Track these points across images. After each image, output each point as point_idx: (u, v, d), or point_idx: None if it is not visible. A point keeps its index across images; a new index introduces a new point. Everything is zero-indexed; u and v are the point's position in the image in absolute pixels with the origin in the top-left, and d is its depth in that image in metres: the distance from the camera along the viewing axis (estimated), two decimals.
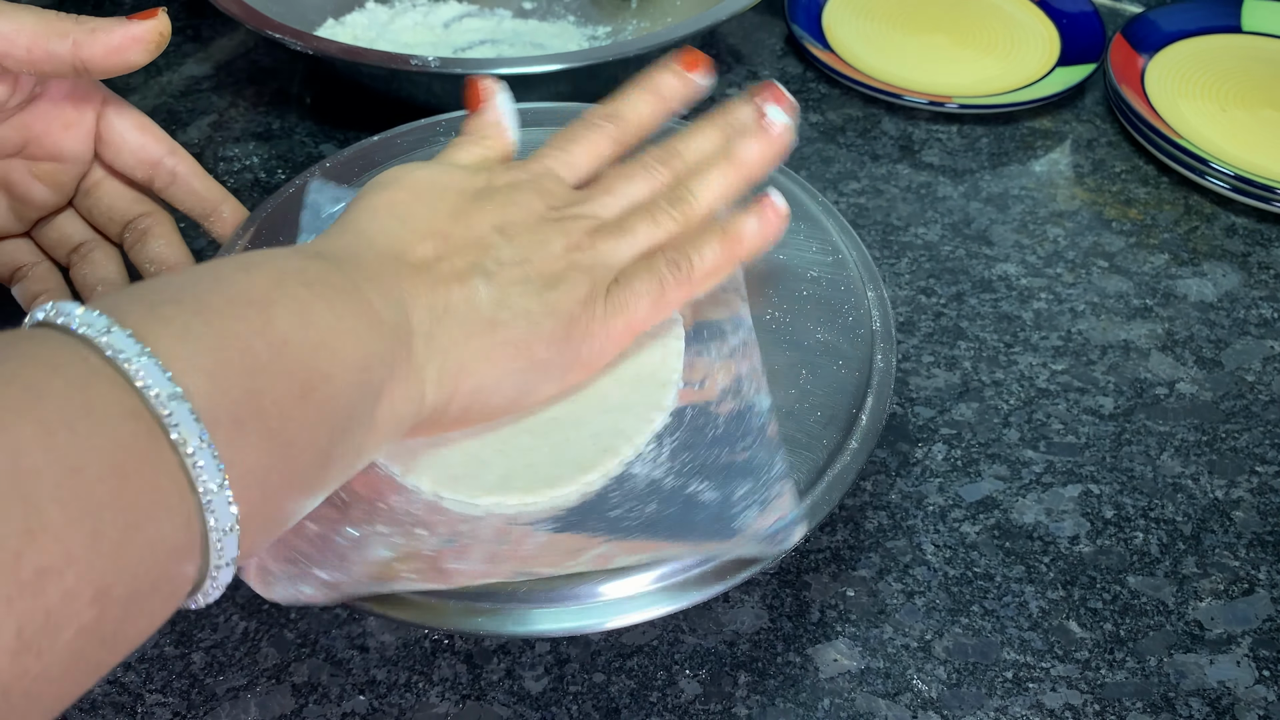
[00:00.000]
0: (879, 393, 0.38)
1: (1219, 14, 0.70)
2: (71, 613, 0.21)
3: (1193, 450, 0.48)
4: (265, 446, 0.26)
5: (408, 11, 0.70)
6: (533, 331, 0.34)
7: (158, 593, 0.24)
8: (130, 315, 0.25)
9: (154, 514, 0.23)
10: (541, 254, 0.35)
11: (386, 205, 0.34)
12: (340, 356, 0.28)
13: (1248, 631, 0.41)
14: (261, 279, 0.28)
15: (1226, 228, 0.59)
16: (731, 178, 0.39)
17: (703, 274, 0.37)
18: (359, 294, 0.30)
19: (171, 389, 0.24)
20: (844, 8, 0.73)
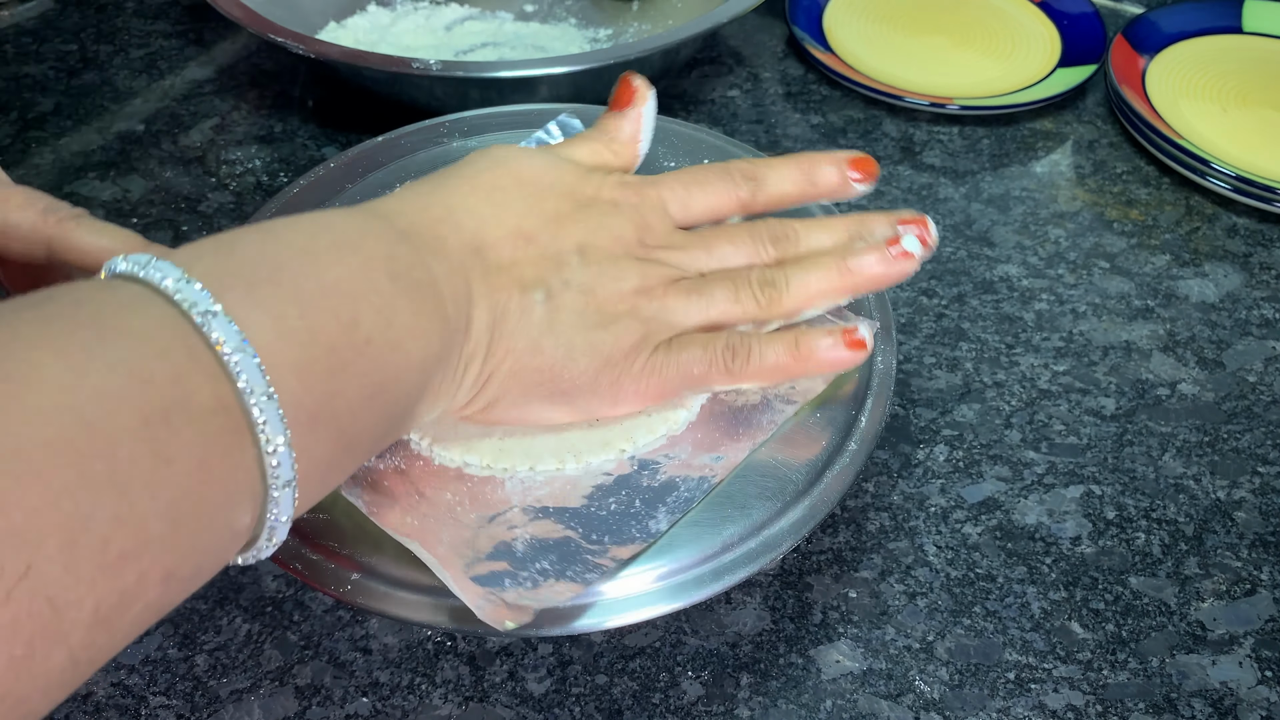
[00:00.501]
0: (878, 394, 0.38)
1: (1220, 15, 0.70)
2: (142, 592, 0.22)
3: (1195, 451, 0.48)
4: (333, 443, 0.27)
5: (409, 15, 0.70)
6: (567, 364, 0.33)
7: (208, 571, 0.25)
8: (230, 292, 0.25)
9: (228, 505, 0.24)
10: (610, 289, 0.34)
11: (487, 187, 0.33)
12: (410, 358, 0.29)
13: (1250, 632, 0.41)
14: (352, 265, 0.28)
15: (1228, 228, 0.59)
16: (834, 284, 0.36)
17: (756, 371, 0.35)
18: (435, 291, 0.30)
19: (266, 387, 0.24)
20: (845, 9, 0.73)
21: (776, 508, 0.35)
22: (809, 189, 0.38)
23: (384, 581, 0.34)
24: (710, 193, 0.37)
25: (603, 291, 0.34)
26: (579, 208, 0.35)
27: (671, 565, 0.34)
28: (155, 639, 0.40)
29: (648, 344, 0.34)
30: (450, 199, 0.33)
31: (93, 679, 0.39)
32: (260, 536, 0.26)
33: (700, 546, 0.34)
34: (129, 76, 0.68)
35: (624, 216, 0.35)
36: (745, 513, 0.35)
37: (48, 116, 0.65)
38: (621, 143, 0.38)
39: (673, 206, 0.37)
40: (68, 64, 0.69)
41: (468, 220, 0.33)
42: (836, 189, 0.38)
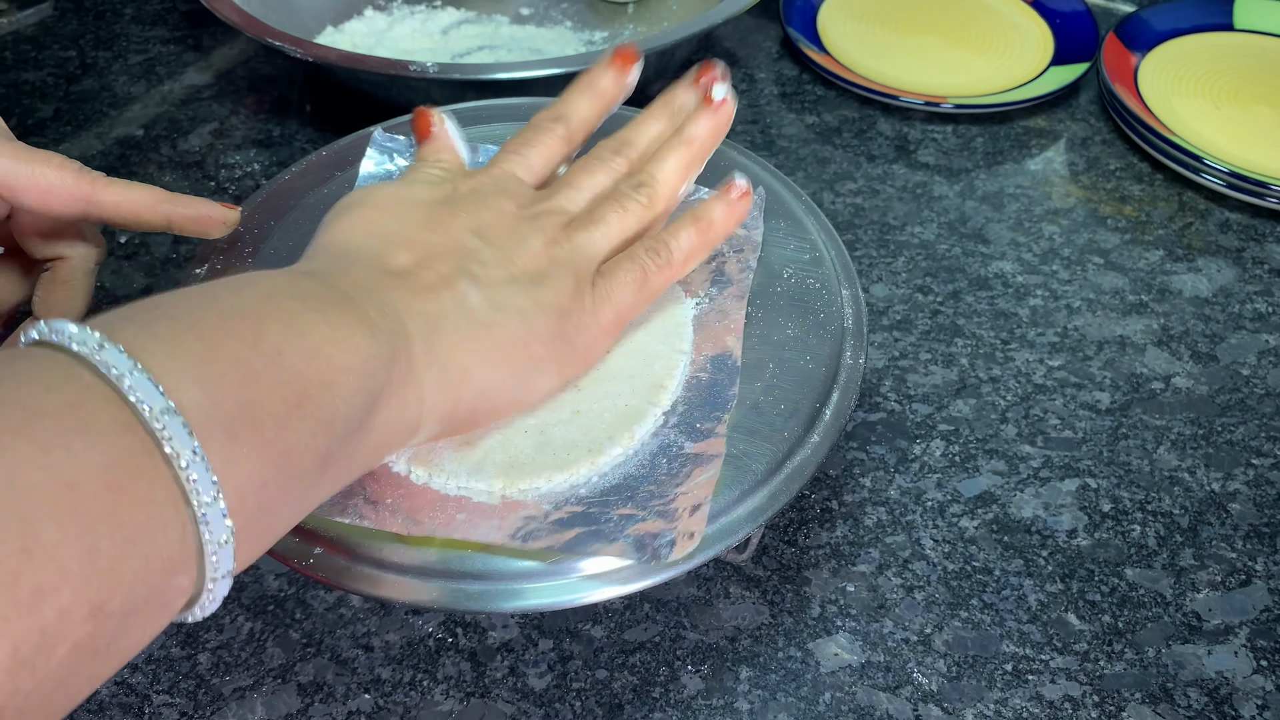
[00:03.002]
0: (845, 389, 0.39)
1: (1211, 12, 0.71)
2: (66, 630, 0.21)
3: (1189, 444, 0.48)
4: (261, 456, 0.26)
5: (406, 18, 0.71)
6: (528, 329, 0.34)
7: (152, 606, 0.24)
8: (123, 332, 0.25)
9: (149, 528, 0.23)
10: (523, 252, 0.35)
11: (357, 223, 0.34)
12: (337, 363, 0.28)
13: (1245, 622, 0.42)
14: (251, 295, 0.28)
15: (1221, 223, 0.59)
16: (686, 156, 0.40)
17: (682, 258, 0.38)
18: (352, 303, 0.30)
19: (164, 403, 0.24)
20: (839, 10, 0.73)
21: (735, 495, 0.35)
22: (599, 101, 0.41)
23: (348, 556, 0.34)
24: (538, 146, 0.40)
25: (519, 257, 0.35)
26: (448, 205, 0.36)
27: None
28: (158, 638, 0.41)
29: (584, 282, 0.36)
30: (334, 247, 0.34)
31: None
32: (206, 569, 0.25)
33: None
34: (128, 82, 0.69)
35: (491, 195, 0.37)
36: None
37: (47, 122, 0.65)
38: (445, 159, 0.40)
39: (520, 171, 0.39)
40: (67, 70, 0.70)
41: (362, 254, 0.33)
42: (616, 89, 0.42)
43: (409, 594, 0.34)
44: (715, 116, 0.41)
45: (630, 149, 0.40)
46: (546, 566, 0.34)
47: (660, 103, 0.42)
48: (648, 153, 0.41)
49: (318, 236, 0.35)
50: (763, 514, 0.35)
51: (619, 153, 0.40)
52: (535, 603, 0.33)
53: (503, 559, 0.34)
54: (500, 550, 0.34)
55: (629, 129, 0.41)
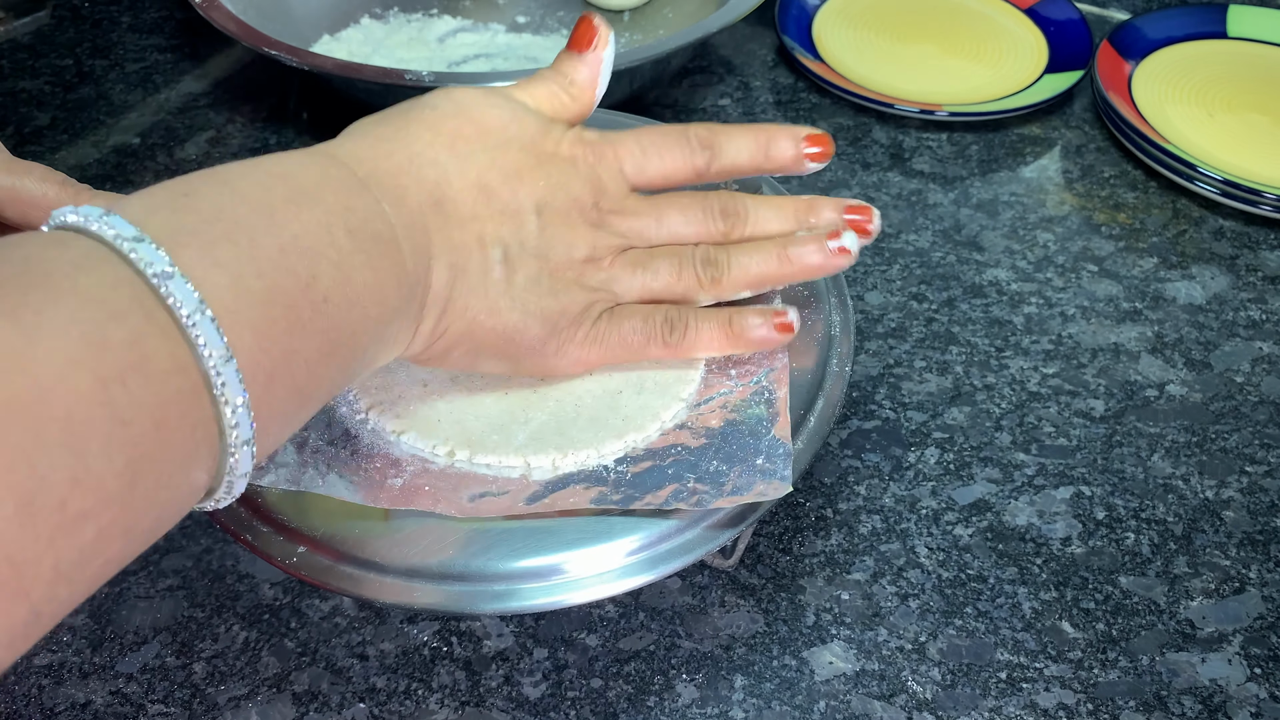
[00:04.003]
0: (829, 396, 0.39)
1: (1204, 20, 0.71)
2: (102, 547, 0.23)
3: (1183, 451, 0.48)
4: (291, 400, 0.27)
5: (402, 27, 0.71)
6: (520, 329, 0.34)
7: (167, 524, 0.26)
8: (186, 251, 0.25)
9: (186, 463, 0.25)
10: (562, 255, 0.35)
11: (450, 135, 0.33)
12: (368, 314, 0.29)
13: (1239, 630, 0.42)
14: (310, 220, 0.28)
15: (1214, 231, 0.59)
16: (772, 269, 0.37)
17: (690, 346, 0.37)
18: (394, 246, 0.30)
19: (225, 350, 0.24)
20: (834, 18, 0.73)
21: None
22: (763, 162, 0.38)
23: (331, 556, 0.34)
24: (666, 158, 0.37)
25: (555, 257, 0.35)
26: (539, 163, 0.35)
27: (609, 553, 0.34)
28: (153, 647, 0.41)
29: (592, 312, 0.36)
30: (412, 145, 0.33)
31: (91, 688, 0.40)
32: (219, 489, 0.27)
33: (639, 535, 0.35)
34: (124, 90, 0.69)
35: (581, 177, 0.36)
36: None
37: (44, 131, 0.65)
38: (580, 87, 0.37)
39: (628, 168, 0.37)
40: (63, 78, 0.70)
41: (430, 171, 0.32)
42: (790, 164, 0.39)
43: (400, 596, 0.34)
44: (826, 260, 0.37)
45: (737, 222, 0.38)
46: (536, 568, 0.34)
47: (801, 203, 0.39)
48: (750, 238, 0.38)
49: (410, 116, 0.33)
50: (744, 519, 0.35)
51: (726, 218, 0.38)
52: (522, 604, 0.34)
53: (490, 560, 0.34)
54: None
55: (753, 201, 0.38)
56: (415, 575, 0.34)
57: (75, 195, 0.38)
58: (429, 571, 0.34)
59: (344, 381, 0.30)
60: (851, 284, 0.55)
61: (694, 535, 0.35)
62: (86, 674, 0.40)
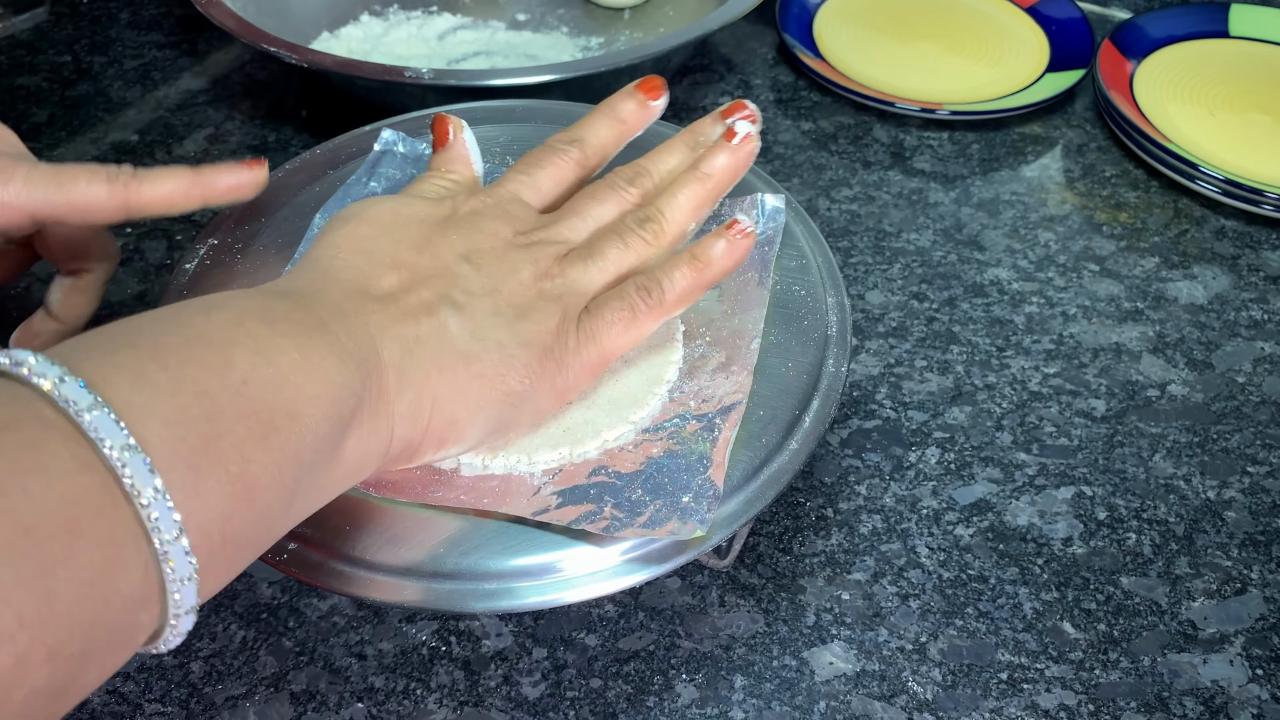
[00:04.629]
0: (826, 396, 0.38)
1: (1206, 19, 0.71)
2: (23, 675, 0.21)
3: (1184, 451, 0.48)
4: (226, 491, 0.25)
5: (402, 24, 0.71)
6: (506, 363, 0.33)
7: (113, 645, 0.24)
8: (85, 364, 0.24)
9: (109, 569, 0.23)
10: (511, 283, 0.34)
11: (348, 239, 0.34)
12: (306, 393, 0.28)
13: (1240, 631, 0.41)
14: (220, 319, 0.28)
15: (1216, 230, 0.59)
16: (700, 194, 0.38)
17: (674, 299, 0.36)
18: (324, 329, 0.29)
19: (125, 440, 0.23)
20: (835, 16, 0.73)
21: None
22: (621, 128, 0.41)
23: (321, 553, 0.34)
24: (549, 169, 0.39)
25: (506, 288, 0.34)
26: (445, 226, 0.35)
27: (604, 552, 0.34)
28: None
29: (570, 319, 0.35)
30: (319, 263, 0.33)
31: None
32: (166, 608, 0.25)
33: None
34: (123, 87, 0.69)
35: (490, 218, 0.36)
36: None
37: (42, 127, 0.65)
38: (456, 170, 0.39)
39: (526, 194, 0.38)
40: (62, 75, 0.70)
41: (344, 273, 0.32)
42: (639, 115, 0.41)
43: (391, 595, 0.34)
44: (735, 154, 0.39)
45: (645, 179, 0.39)
46: (529, 566, 0.34)
47: (683, 134, 0.41)
48: (663, 184, 0.39)
49: (310, 249, 0.34)
50: (738, 519, 0.35)
51: (633, 182, 0.39)
52: (515, 603, 0.33)
53: (482, 559, 0.34)
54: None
55: (647, 158, 0.40)
56: (406, 573, 0.34)
57: (125, 187, 0.39)
58: (421, 569, 0.34)
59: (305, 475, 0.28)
60: (852, 283, 0.55)
61: (657, 548, 0.35)
62: None
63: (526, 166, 0.39)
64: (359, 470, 0.31)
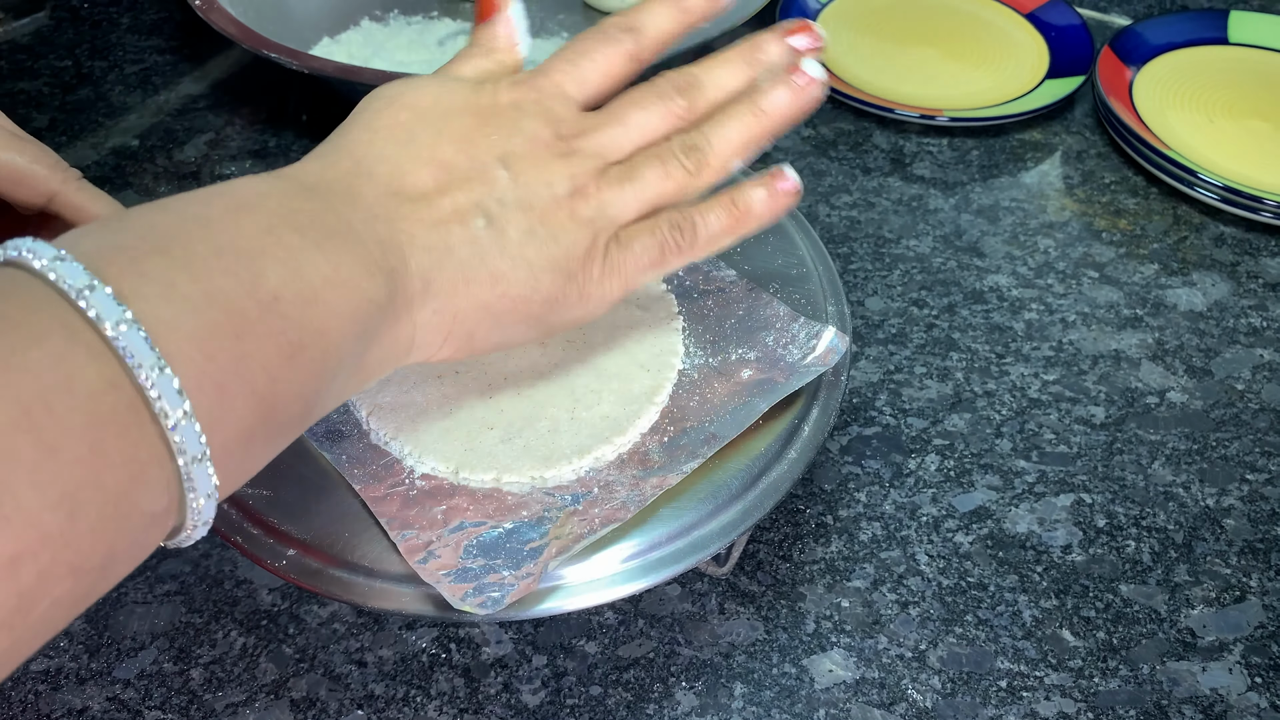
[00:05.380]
0: (825, 406, 0.39)
1: (1205, 26, 0.71)
2: (45, 589, 0.21)
3: (1184, 459, 0.48)
4: (250, 409, 0.25)
5: (403, 29, 0.71)
6: (532, 285, 0.32)
7: (131, 555, 0.24)
8: (111, 267, 0.23)
9: (132, 488, 0.23)
10: (545, 197, 0.33)
11: (387, 127, 0.32)
12: (334, 309, 0.27)
13: (1240, 639, 0.42)
14: (251, 224, 0.27)
15: (1215, 237, 0.59)
16: (753, 129, 0.35)
17: (705, 241, 0.35)
18: (355, 238, 0.29)
19: (155, 360, 0.23)
20: (835, 22, 0.73)
21: (709, 509, 0.35)
22: (684, 18, 0.37)
23: (320, 559, 0.34)
24: (598, 59, 0.36)
25: (539, 203, 0.33)
26: (484, 120, 0.33)
27: (596, 561, 0.34)
28: (150, 653, 0.41)
29: (599, 246, 0.34)
30: (354, 150, 0.32)
31: (88, 694, 0.39)
32: (185, 516, 0.25)
33: (629, 544, 0.35)
34: (123, 92, 0.69)
35: (531, 115, 0.34)
36: (677, 512, 0.35)
37: (43, 132, 0.65)
38: (500, 49, 0.37)
39: (570, 87, 0.35)
40: (62, 80, 0.70)
41: (379, 166, 0.31)
42: (708, 7, 0.37)
43: (390, 602, 0.34)
44: (800, 96, 0.36)
45: (696, 92, 0.36)
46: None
47: (744, 48, 0.37)
48: (715, 103, 0.36)
49: (346, 126, 0.33)
50: (735, 528, 0.35)
51: (683, 93, 0.36)
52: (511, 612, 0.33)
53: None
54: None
55: (700, 67, 0.36)
56: (405, 580, 0.34)
57: (62, 182, 0.37)
58: (419, 576, 0.34)
59: (325, 390, 0.28)
60: (852, 289, 0.55)
61: (689, 541, 0.35)
62: (84, 680, 0.40)
63: (574, 55, 0.36)
64: (376, 375, 0.31)
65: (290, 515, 0.35)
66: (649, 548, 0.34)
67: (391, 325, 0.30)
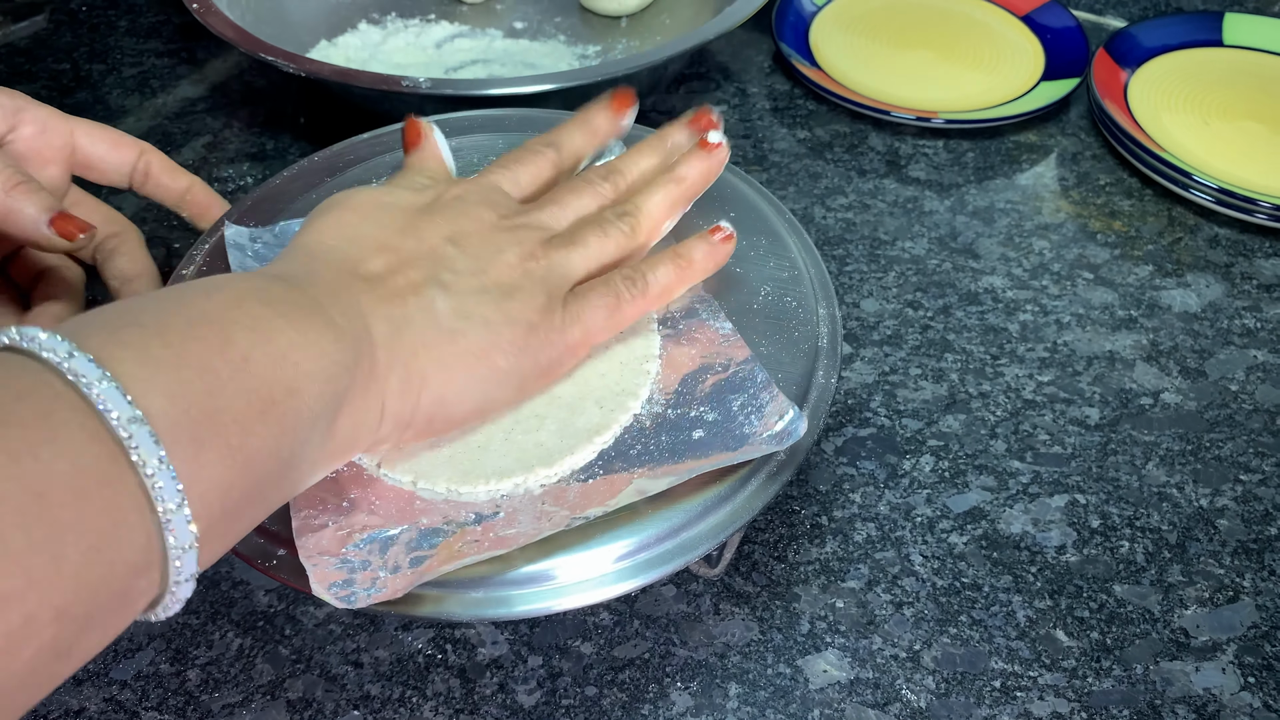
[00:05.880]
0: (815, 408, 0.39)
1: (1200, 28, 0.71)
2: (31, 634, 0.22)
3: (1177, 459, 0.48)
4: (226, 463, 0.26)
5: (400, 32, 0.71)
6: (492, 340, 0.34)
7: (115, 608, 0.25)
8: (92, 339, 0.25)
9: (114, 535, 0.24)
10: (496, 263, 0.36)
11: (334, 226, 0.35)
12: (303, 369, 0.29)
13: (1233, 639, 0.42)
14: (220, 300, 0.29)
15: (1209, 239, 0.59)
16: (674, 193, 0.41)
17: (657, 292, 0.39)
18: (318, 308, 0.31)
19: (131, 412, 0.24)
20: (831, 25, 0.73)
21: (699, 510, 0.35)
22: (593, 137, 0.43)
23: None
24: (528, 165, 0.41)
25: (491, 268, 0.35)
26: (429, 212, 0.37)
27: (582, 560, 0.34)
28: (147, 654, 0.41)
29: (555, 299, 0.36)
30: (309, 248, 0.34)
31: (84, 695, 0.40)
32: (167, 575, 0.26)
33: (614, 545, 0.34)
34: (121, 95, 0.69)
35: (473, 203, 0.37)
36: (663, 514, 0.35)
37: None
38: (432, 169, 0.41)
39: (506, 185, 0.40)
40: (61, 83, 0.70)
41: (331, 256, 0.34)
42: (609, 127, 0.44)
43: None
44: (708, 160, 0.41)
45: (619, 177, 0.41)
46: (521, 574, 0.34)
47: (654, 139, 0.43)
48: (636, 185, 0.41)
49: (297, 235, 0.35)
50: (725, 530, 0.35)
51: (607, 179, 0.41)
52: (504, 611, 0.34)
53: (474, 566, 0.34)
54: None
55: (620, 159, 0.42)
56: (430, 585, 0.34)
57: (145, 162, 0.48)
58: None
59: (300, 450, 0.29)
60: (847, 291, 0.56)
61: (678, 543, 0.35)
62: (80, 680, 0.40)
63: (506, 163, 0.41)
64: (351, 446, 0.32)
65: (281, 515, 0.35)
66: (638, 549, 0.35)
67: (362, 392, 0.31)
